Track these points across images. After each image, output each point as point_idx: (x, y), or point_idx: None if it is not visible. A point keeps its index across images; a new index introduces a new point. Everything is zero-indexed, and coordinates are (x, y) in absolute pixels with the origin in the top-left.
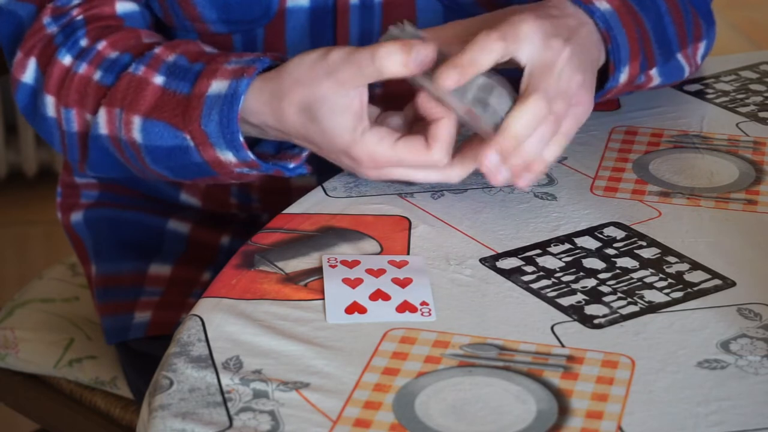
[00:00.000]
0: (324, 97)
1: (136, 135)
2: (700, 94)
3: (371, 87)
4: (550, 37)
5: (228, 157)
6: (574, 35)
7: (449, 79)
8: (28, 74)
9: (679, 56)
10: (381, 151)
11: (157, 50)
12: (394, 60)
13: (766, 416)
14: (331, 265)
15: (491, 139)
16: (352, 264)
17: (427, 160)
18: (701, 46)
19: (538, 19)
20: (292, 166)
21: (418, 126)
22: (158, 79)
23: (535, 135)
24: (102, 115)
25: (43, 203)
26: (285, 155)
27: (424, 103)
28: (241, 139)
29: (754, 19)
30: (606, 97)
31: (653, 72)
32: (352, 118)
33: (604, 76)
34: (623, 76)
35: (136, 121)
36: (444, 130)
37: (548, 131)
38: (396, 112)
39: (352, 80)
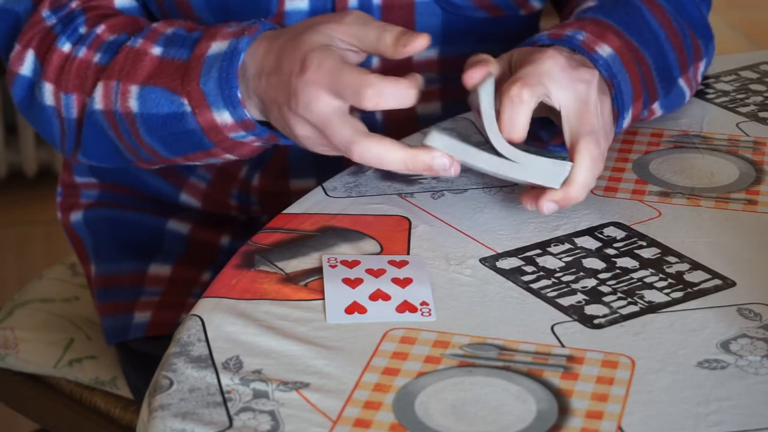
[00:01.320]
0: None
1: (132, 103)
2: (700, 94)
3: (367, 63)
4: (575, 68)
5: (224, 117)
6: (592, 66)
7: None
8: (26, 66)
9: (681, 81)
10: (332, 64)
11: (155, 24)
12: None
13: (766, 416)
14: (331, 265)
15: (561, 188)
16: (352, 264)
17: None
18: (701, 65)
19: (555, 56)
20: None
21: None
22: (156, 50)
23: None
24: (99, 89)
25: (43, 203)
26: None
27: None
28: (240, 96)
29: (754, 19)
30: None
31: (655, 106)
32: (330, 34)
33: None
34: (626, 122)
35: (133, 89)
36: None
37: (600, 169)
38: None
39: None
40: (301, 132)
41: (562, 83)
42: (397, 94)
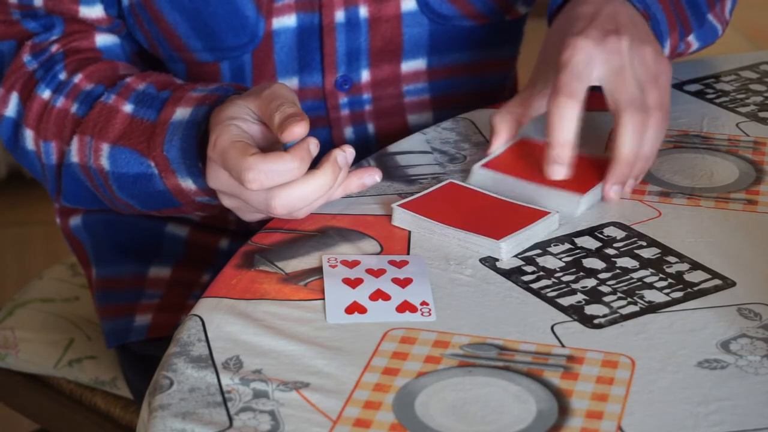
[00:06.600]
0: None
1: (104, 162)
2: (700, 94)
3: (357, 77)
4: (603, 41)
5: (188, 184)
6: (619, 19)
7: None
8: (11, 108)
9: (710, 17)
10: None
11: (129, 80)
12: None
13: (766, 416)
14: (331, 265)
15: (609, 169)
16: (352, 264)
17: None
18: (728, 2)
19: (580, 38)
20: None
21: None
22: (127, 108)
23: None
24: (74, 143)
25: (43, 203)
26: None
27: None
28: (200, 166)
29: (754, 19)
30: None
31: (691, 38)
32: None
33: None
34: (666, 50)
35: (105, 148)
36: (303, 143)
37: (653, 132)
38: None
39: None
40: (227, 203)
41: (599, 61)
42: (282, 171)
